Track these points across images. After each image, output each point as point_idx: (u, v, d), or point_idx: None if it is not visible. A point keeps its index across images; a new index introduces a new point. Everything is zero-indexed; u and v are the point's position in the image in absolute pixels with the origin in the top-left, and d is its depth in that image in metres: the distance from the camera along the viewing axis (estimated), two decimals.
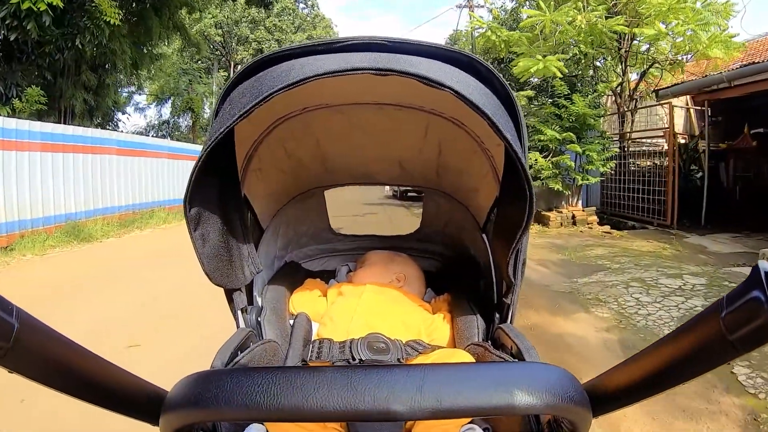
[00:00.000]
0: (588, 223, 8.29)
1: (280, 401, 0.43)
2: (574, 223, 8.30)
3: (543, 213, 8.56)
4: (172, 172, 11.73)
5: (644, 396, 0.43)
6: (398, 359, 0.91)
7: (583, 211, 8.53)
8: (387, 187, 18.17)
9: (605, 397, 0.46)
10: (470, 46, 16.30)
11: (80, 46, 9.27)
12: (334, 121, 1.08)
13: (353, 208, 11.05)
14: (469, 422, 0.73)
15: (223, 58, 27.35)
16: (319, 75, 0.59)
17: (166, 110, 27.20)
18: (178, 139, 20.23)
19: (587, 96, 8.32)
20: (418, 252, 1.42)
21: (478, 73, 0.71)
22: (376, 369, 0.46)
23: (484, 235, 1.15)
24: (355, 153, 1.24)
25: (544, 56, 7.26)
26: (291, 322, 1.10)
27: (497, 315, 0.96)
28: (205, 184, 0.75)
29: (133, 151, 10.03)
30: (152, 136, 22.52)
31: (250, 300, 1.06)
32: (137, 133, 17.85)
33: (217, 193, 0.83)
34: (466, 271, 1.22)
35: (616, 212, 8.83)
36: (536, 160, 8.09)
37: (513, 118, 0.72)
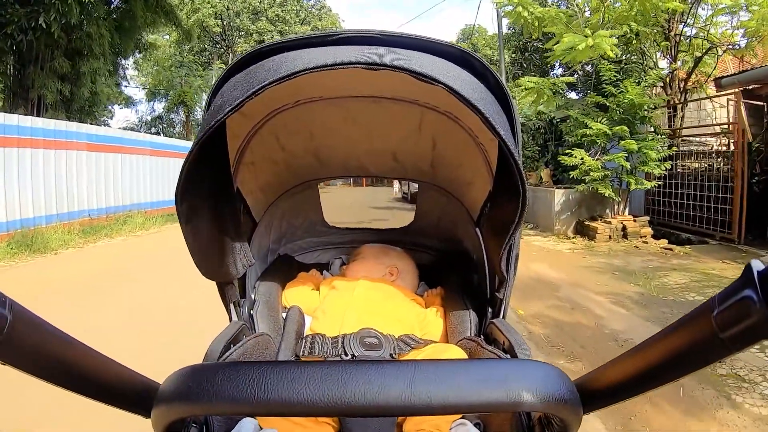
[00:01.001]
0: (641, 236, 6.92)
1: (272, 395, 0.43)
2: (625, 236, 6.96)
3: (587, 223, 7.35)
4: (155, 170, 10.51)
5: (635, 393, 0.43)
6: (390, 354, 0.91)
7: (634, 221, 7.12)
8: (396, 189, 16.94)
9: (596, 393, 0.46)
10: (496, 28, 15.09)
11: (45, 26, 8.11)
12: (327, 114, 1.07)
13: (358, 213, 10.07)
14: (460, 418, 0.73)
15: (224, 51, 25.95)
16: (311, 69, 0.59)
17: (162, 106, 25.44)
18: (170, 136, 18.99)
19: (638, 83, 6.99)
20: (411, 245, 1.41)
21: (471, 68, 0.70)
22: (367, 364, 0.46)
23: (477, 230, 1.14)
24: (349, 146, 1.23)
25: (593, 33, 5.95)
26: (284, 315, 1.10)
27: (490, 310, 0.96)
28: (197, 177, 0.73)
29: (107, 147, 8.81)
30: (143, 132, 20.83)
31: (243, 293, 1.05)
32: (129, 129, 16.68)
33: (209, 186, 0.81)
34: (460, 265, 1.22)
35: (665, 222, 7.44)
36: (582, 159, 6.78)
37: (507, 114, 0.71)
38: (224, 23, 26.29)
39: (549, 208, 7.82)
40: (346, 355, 0.90)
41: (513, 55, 12.32)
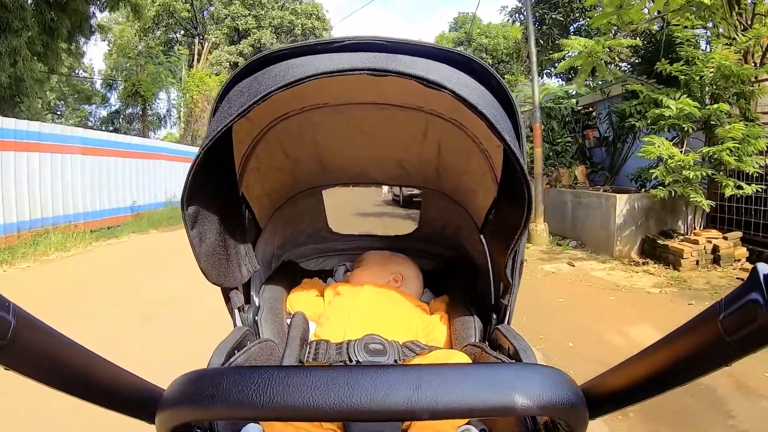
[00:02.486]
0: (735, 259, 5.01)
1: (277, 400, 0.43)
2: (716, 261, 5.01)
3: (662, 242, 5.27)
4: (89, 173, 8.35)
5: (642, 398, 0.42)
6: (395, 360, 0.91)
7: (724, 238, 5.11)
8: (385, 189, 14.92)
9: (602, 398, 0.46)
10: (490, 17, 13.26)
11: None
12: (332, 121, 1.07)
13: (341, 221, 7.91)
14: (466, 423, 0.73)
15: (194, 38, 23.44)
16: (317, 75, 0.59)
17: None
18: (126, 133, 16.19)
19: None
20: (416, 252, 1.41)
21: (475, 73, 0.70)
22: (372, 369, 0.46)
23: (482, 237, 1.14)
24: (354, 153, 1.23)
25: None
26: (288, 321, 1.10)
27: (495, 316, 0.95)
28: (203, 182, 0.74)
29: (16, 144, 6.60)
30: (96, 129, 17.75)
31: (248, 299, 1.05)
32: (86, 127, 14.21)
33: (215, 191, 0.82)
34: (464, 271, 1.22)
35: (754, 238, 5.33)
36: (671, 154, 4.85)
37: (511, 119, 0.71)
38: (194, 7, 23.83)
39: (605, 220, 5.81)
40: (351, 361, 0.90)
41: (525, 30, 10.42)
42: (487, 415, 0.46)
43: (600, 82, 7.52)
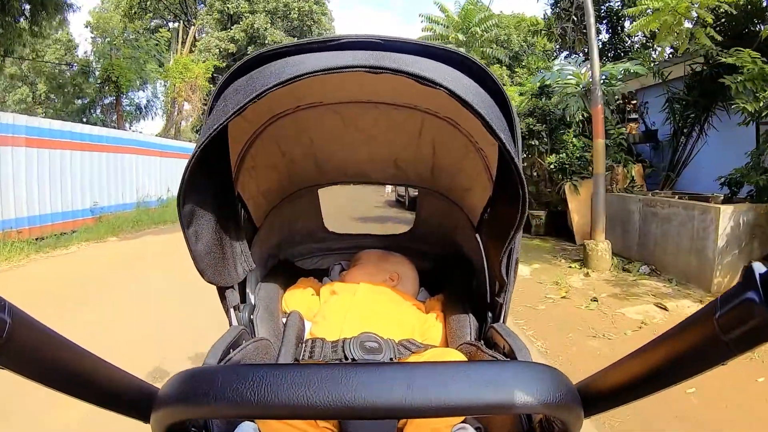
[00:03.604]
0: None
1: (272, 398, 0.43)
2: None
3: None
4: (37, 169, 6.87)
5: (637, 396, 0.42)
6: (391, 358, 0.91)
7: None
8: (389, 189, 13.47)
9: (597, 396, 0.46)
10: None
11: None
12: (328, 120, 1.07)
13: (340, 226, 6.49)
14: (462, 421, 0.73)
15: (181, 22, 21.50)
16: (313, 72, 0.59)
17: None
18: (99, 124, 14.07)
19: None
20: (411, 251, 1.40)
21: (470, 72, 0.70)
22: (366, 366, 0.46)
23: (477, 235, 1.14)
24: (349, 152, 1.23)
25: None
26: (284, 320, 1.09)
27: (490, 314, 0.96)
28: (199, 181, 0.74)
29: None
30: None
31: (243, 298, 1.05)
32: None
33: (211, 190, 0.82)
34: (460, 270, 1.22)
35: None
36: None
37: (506, 117, 0.71)
38: None
39: (699, 241, 4.22)
40: (346, 358, 0.90)
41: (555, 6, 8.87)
42: (482, 413, 0.47)
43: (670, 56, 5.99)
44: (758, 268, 0.33)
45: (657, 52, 7.46)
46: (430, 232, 1.39)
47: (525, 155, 6.93)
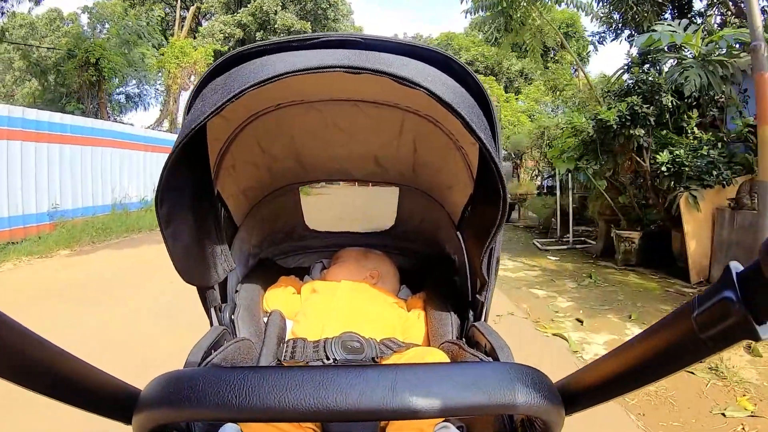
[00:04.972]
0: None
1: (253, 401, 0.43)
2: None
3: None
4: None
5: (617, 393, 0.43)
6: (372, 358, 0.91)
7: None
8: None
9: (578, 395, 0.46)
10: None
11: None
12: (308, 118, 1.06)
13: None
14: (443, 421, 0.73)
15: (179, 1, 19.72)
16: (292, 72, 0.59)
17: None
18: (84, 114, 11.61)
19: None
20: (393, 249, 1.41)
21: (453, 72, 0.70)
22: (348, 369, 0.46)
23: (458, 233, 1.14)
24: (330, 149, 1.22)
25: None
26: (265, 320, 1.09)
27: (471, 313, 0.97)
28: (177, 180, 0.73)
29: None
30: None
31: (224, 298, 1.04)
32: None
33: (190, 190, 0.81)
34: (441, 268, 1.22)
35: None
36: None
37: (487, 117, 0.71)
38: None
39: None
40: (328, 359, 0.90)
41: None
42: (464, 414, 0.47)
43: None
44: (735, 267, 0.33)
45: None
46: (412, 229, 1.39)
47: (620, 148, 4.81)
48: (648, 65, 5.51)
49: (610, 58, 31.27)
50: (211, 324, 0.92)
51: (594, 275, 4.70)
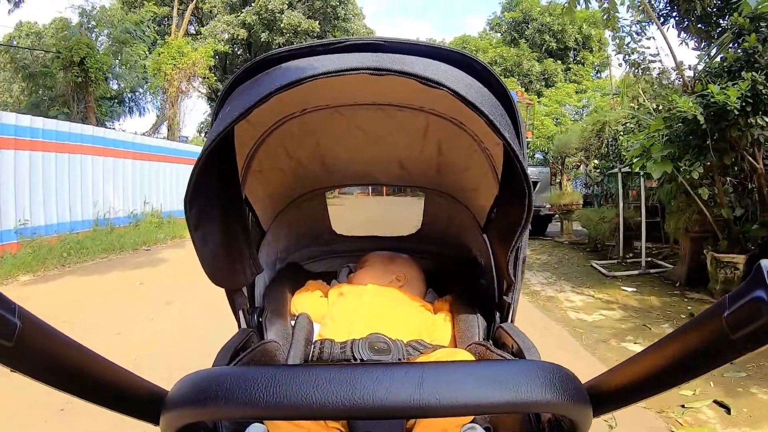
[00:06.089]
0: None
1: (281, 399, 0.43)
2: None
3: None
4: None
5: (646, 395, 0.42)
6: (399, 359, 0.91)
7: None
8: None
9: (606, 396, 0.45)
10: None
11: None
12: (333, 122, 1.07)
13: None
14: (470, 421, 0.73)
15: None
16: (317, 75, 0.59)
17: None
18: (68, 119, 10.32)
19: None
20: (418, 252, 1.41)
21: (474, 72, 0.70)
22: (375, 367, 0.45)
23: (484, 235, 1.14)
24: (355, 153, 1.23)
25: None
26: (292, 322, 1.10)
27: (498, 314, 0.96)
28: (206, 185, 0.75)
29: None
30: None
31: (252, 301, 1.06)
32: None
33: (218, 194, 0.83)
34: (467, 271, 1.22)
35: None
36: None
37: (510, 116, 0.72)
38: None
39: None
40: (355, 359, 0.90)
41: None
42: (491, 412, 0.47)
43: None
44: (766, 265, 0.32)
45: None
46: (437, 232, 1.39)
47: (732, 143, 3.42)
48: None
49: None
50: (239, 326, 0.94)
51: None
